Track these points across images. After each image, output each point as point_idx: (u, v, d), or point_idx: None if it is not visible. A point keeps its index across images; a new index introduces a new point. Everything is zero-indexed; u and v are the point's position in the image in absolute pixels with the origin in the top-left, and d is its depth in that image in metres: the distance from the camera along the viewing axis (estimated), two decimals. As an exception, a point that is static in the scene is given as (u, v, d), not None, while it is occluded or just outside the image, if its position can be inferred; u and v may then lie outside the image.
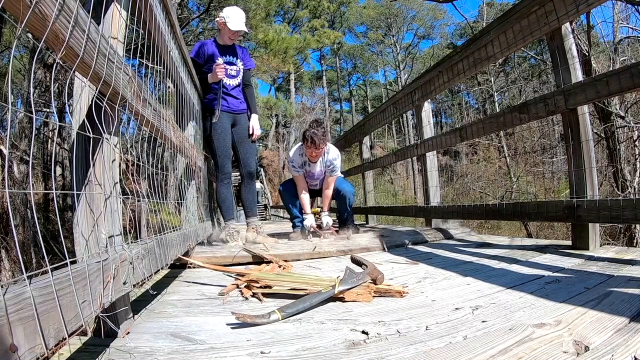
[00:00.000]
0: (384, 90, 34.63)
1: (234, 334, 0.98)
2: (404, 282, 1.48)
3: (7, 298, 0.51)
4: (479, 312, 1.04)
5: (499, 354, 0.76)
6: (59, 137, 8.01)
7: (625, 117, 5.04)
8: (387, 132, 33.04)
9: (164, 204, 1.55)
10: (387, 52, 33.27)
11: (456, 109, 31.80)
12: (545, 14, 1.86)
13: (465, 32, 25.32)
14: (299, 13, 28.06)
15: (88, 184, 0.95)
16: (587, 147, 1.80)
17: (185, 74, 2.34)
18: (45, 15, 0.65)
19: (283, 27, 18.94)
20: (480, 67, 2.54)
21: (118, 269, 0.89)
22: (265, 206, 19.51)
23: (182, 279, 1.77)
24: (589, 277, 1.32)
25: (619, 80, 1.53)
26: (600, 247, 1.86)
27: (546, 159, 8.92)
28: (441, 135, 3.02)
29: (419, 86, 3.18)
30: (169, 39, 1.82)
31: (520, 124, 2.20)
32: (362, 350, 0.84)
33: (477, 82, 20.05)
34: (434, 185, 3.18)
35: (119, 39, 1.08)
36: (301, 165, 3.11)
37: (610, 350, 0.73)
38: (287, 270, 1.82)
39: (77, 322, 0.68)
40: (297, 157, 3.10)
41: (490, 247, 2.21)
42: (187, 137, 2.31)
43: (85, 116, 0.97)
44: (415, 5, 29.74)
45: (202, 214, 2.83)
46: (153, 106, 1.35)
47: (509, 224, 10.19)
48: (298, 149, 3.11)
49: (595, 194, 1.80)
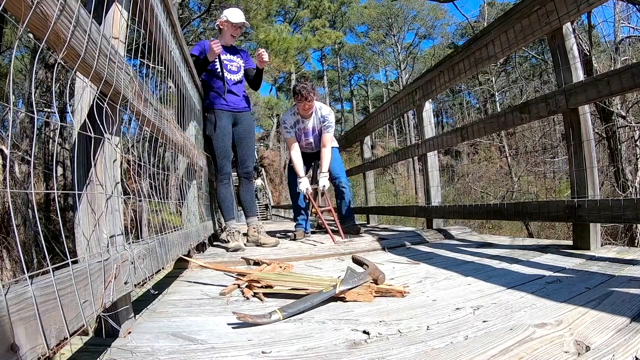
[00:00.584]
0: (385, 90, 34.62)
1: (234, 334, 0.99)
2: (405, 282, 1.48)
3: (8, 298, 0.51)
4: (480, 312, 1.04)
5: (500, 353, 0.76)
6: (60, 137, 8.03)
7: (627, 117, 5.03)
8: (388, 132, 33.06)
9: (165, 203, 1.55)
10: (388, 52, 33.29)
11: (457, 108, 31.81)
12: (546, 13, 1.85)
13: (466, 31, 25.29)
14: (299, 13, 28.06)
15: (89, 184, 0.95)
16: (588, 147, 1.80)
17: (186, 74, 2.34)
18: (46, 16, 0.65)
19: (284, 27, 18.94)
20: (481, 67, 2.53)
21: (119, 268, 0.89)
22: (266, 206, 19.52)
23: (183, 278, 1.77)
24: (590, 277, 1.32)
25: (620, 79, 1.52)
26: (601, 247, 1.85)
27: (547, 158, 8.90)
28: (442, 135, 3.01)
29: (420, 86, 3.18)
30: (170, 39, 1.82)
31: (521, 123, 2.19)
32: (363, 350, 0.84)
33: (478, 82, 20.04)
34: (435, 185, 3.17)
35: (120, 39, 1.08)
36: (293, 125, 3.17)
37: (611, 350, 0.73)
38: (288, 270, 1.82)
39: (78, 321, 0.68)
40: (289, 116, 3.18)
41: (491, 247, 2.21)
42: (188, 137, 2.31)
43: (86, 116, 0.97)
44: (416, 5, 29.75)
45: (203, 213, 2.83)
46: (154, 106, 1.35)
47: (510, 224, 10.19)
48: (290, 110, 3.22)
49: (596, 194, 1.80)
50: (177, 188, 2.26)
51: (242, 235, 2.83)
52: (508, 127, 2.49)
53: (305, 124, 3.17)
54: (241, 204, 3.04)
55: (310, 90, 2.92)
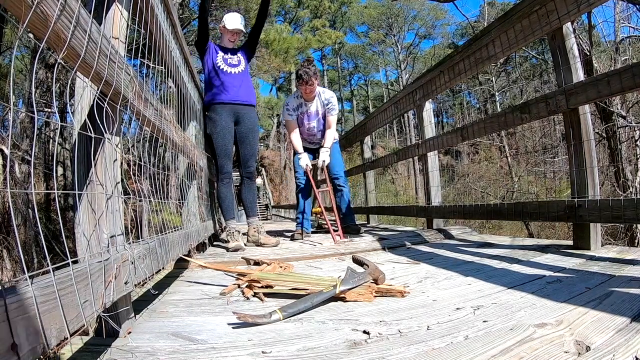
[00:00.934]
0: (385, 90, 34.62)
1: (235, 334, 0.99)
2: (405, 282, 1.48)
3: (8, 297, 0.51)
4: (480, 312, 1.04)
5: (500, 353, 0.76)
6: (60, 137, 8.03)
7: (627, 117, 5.03)
8: (388, 132, 33.07)
9: (166, 203, 1.55)
10: (388, 52, 33.28)
11: (457, 108, 31.79)
12: (546, 13, 1.85)
13: (467, 31, 25.29)
14: (300, 13, 28.06)
15: (90, 184, 0.95)
16: (589, 147, 1.80)
17: (187, 74, 2.34)
18: (46, 16, 0.65)
19: (284, 27, 18.91)
20: (481, 67, 2.53)
21: (119, 268, 0.89)
22: (267, 206, 19.54)
23: (184, 278, 1.77)
24: (590, 277, 1.32)
25: (621, 79, 1.52)
26: (601, 247, 1.85)
27: (547, 158, 8.90)
28: (442, 135, 3.01)
29: (420, 86, 3.18)
30: (170, 39, 1.82)
31: (522, 123, 2.19)
32: (363, 350, 0.84)
33: (479, 82, 20.04)
34: (435, 185, 3.17)
35: (120, 39, 1.08)
36: (295, 108, 3.20)
37: (611, 350, 0.73)
38: (289, 270, 1.82)
39: (78, 321, 0.68)
40: (292, 100, 3.22)
41: (492, 247, 2.21)
42: (189, 137, 2.31)
43: (86, 116, 0.97)
44: (416, 5, 29.71)
45: (204, 213, 2.83)
46: (154, 106, 1.36)
47: (510, 224, 10.19)
48: (294, 93, 3.26)
49: (596, 194, 1.80)
50: (177, 188, 2.26)
51: (242, 235, 2.83)
52: (508, 127, 2.49)
53: (308, 107, 3.20)
54: (242, 204, 3.04)
55: (312, 74, 2.97)
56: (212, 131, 2.78)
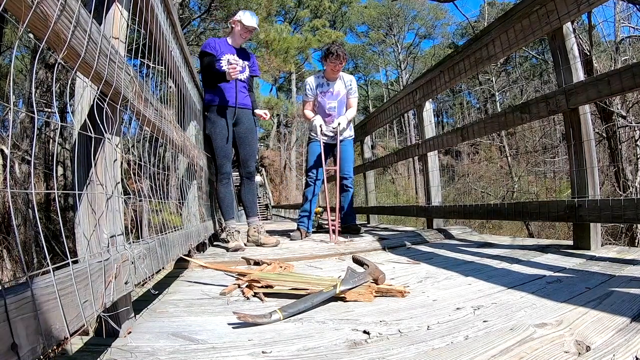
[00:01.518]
0: (385, 90, 34.60)
1: (235, 334, 0.99)
2: (405, 281, 1.48)
3: (8, 297, 0.51)
4: (480, 312, 1.04)
5: (500, 353, 0.76)
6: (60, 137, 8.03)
7: (627, 116, 5.03)
8: (388, 131, 33.05)
9: (166, 203, 1.55)
10: (388, 52, 33.25)
11: (457, 108, 31.79)
12: (546, 13, 1.85)
13: (467, 31, 25.27)
14: (300, 13, 28.04)
15: (90, 184, 0.95)
16: (589, 147, 1.80)
17: (187, 74, 2.34)
18: (46, 16, 0.65)
19: (284, 27, 18.95)
20: (481, 67, 2.53)
21: (120, 268, 0.89)
22: (267, 206, 19.54)
23: (184, 278, 1.77)
24: (591, 277, 1.32)
25: (621, 79, 1.52)
26: (601, 247, 1.85)
27: (547, 158, 8.90)
28: (442, 135, 3.01)
29: (420, 86, 3.18)
30: (170, 38, 1.82)
31: (522, 123, 2.19)
32: (364, 350, 0.84)
33: (479, 82, 20.03)
34: (435, 185, 3.17)
35: (120, 39, 1.08)
36: (315, 87, 3.24)
37: (611, 350, 0.73)
38: (289, 270, 1.82)
39: (78, 321, 0.68)
40: (313, 79, 3.28)
41: (492, 247, 2.21)
42: (189, 137, 2.31)
43: (87, 116, 0.97)
44: (416, 5, 29.73)
45: (204, 213, 2.83)
46: (154, 106, 1.36)
47: (510, 224, 10.19)
48: (316, 74, 3.34)
49: (596, 194, 1.79)
50: (178, 188, 2.26)
51: (242, 235, 2.83)
52: (508, 127, 2.49)
53: (330, 86, 3.24)
54: (242, 204, 3.04)
55: (344, 54, 3.06)
56: (212, 132, 2.78)
